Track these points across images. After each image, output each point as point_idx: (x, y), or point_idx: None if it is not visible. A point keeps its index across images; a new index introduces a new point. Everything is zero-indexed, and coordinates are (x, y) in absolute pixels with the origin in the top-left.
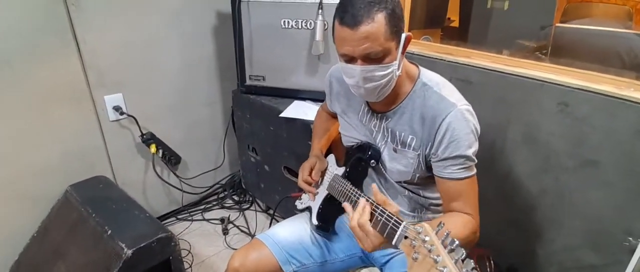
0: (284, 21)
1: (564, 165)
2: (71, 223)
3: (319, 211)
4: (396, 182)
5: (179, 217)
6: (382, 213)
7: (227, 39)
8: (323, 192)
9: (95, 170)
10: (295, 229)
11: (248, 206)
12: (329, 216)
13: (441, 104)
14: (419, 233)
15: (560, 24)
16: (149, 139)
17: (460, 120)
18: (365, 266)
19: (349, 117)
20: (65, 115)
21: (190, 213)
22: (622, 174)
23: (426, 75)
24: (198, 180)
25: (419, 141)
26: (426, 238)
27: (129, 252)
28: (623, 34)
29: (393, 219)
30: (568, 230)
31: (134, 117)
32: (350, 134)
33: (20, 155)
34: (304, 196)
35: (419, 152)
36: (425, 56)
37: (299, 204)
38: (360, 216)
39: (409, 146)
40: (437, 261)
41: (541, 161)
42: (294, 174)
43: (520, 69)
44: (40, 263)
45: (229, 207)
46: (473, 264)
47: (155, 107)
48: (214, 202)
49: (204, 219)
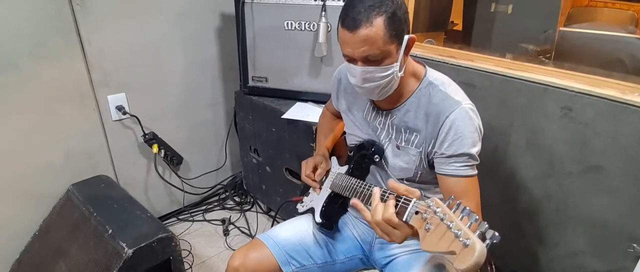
0: (287, 23)
1: (567, 170)
2: (73, 222)
3: (322, 209)
4: (398, 179)
5: (180, 217)
6: (388, 194)
7: (231, 40)
8: (326, 191)
9: (97, 169)
10: (297, 230)
11: (249, 207)
12: (332, 214)
13: (446, 101)
14: (429, 206)
15: (563, 28)
16: (151, 139)
17: (464, 118)
18: (365, 269)
19: (353, 115)
20: (69, 115)
21: (192, 214)
22: (627, 179)
23: (432, 75)
24: (199, 180)
25: (422, 138)
26: (437, 209)
27: (130, 251)
28: (627, 38)
29: (403, 198)
30: (571, 235)
31: (136, 117)
32: (354, 132)
33: (23, 153)
34: (305, 199)
35: (421, 149)
36: (428, 59)
37: (300, 208)
38: (385, 210)
39: (412, 143)
40: (451, 226)
41: (545, 166)
42: (295, 175)
43: (523, 73)
44: (41, 262)
45: (230, 208)
46: (487, 225)
47: (158, 107)
48: (215, 203)
49: (205, 220)
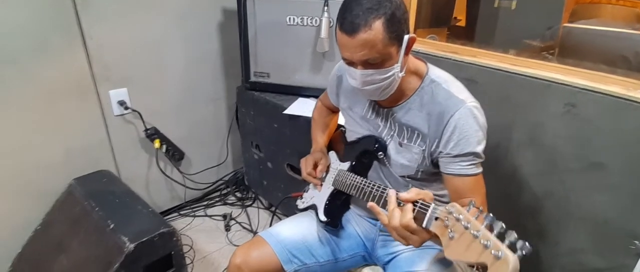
0: (290, 18)
1: (569, 167)
2: (74, 217)
3: (325, 207)
4: (399, 176)
5: (181, 212)
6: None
7: (233, 35)
8: (328, 189)
9: (99, 164)
10: (299, 228)
11: (250, 203)
12: (335, 212)
13: (449, 100)
14: (450, 213)
15: (568, 24)
16: (153, 134)
17: (469, 117)
18: (367, 265)
19: (354, 113)
20: (70, 110)
21: (193, 209)
22: (629, 176)
23: (434, 72)
24: (201, 176)
25: (425, 136)
26: (460, 216)
27: (131, 246)
28: (632, 35)
29: (419, 203)
30: (573, 233)
31: (138, 112)
32: (356, 129)
33: (25, 149)
34: (305, 195)
35: (424, 148)
36: (430, 55)
37: (300, 204)
38: (402, 216)
39: (415, 141)
40: (477, 235)
41: (546, 163)
42: (297, 171)
43: (526, 69)
44: (42, 256)
45: (232, 204)
46: (515, 235)
47: (160, 102)
48: (217, 199)
49: (207, 216)
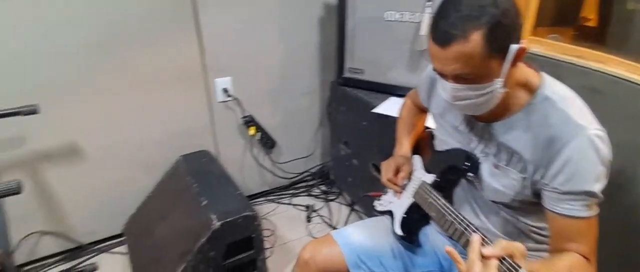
0: (389, 13)
1: None
2: (177, 190)
3: (402, 220)
4: (491, 201)
5: (268, 198)
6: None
7: (332, 29)
8: (408, 199)
9: (202, 145)
10: (373, 234)
11: (334, 197)
12: (413, 226)
13: (566, 125)
14: None
15: None
16: (249, 121)
17: (588, 148)
18: None
19: (446, 121)
20: (181, 94)
21: (279, 196)
22: None
23: (551, 87)
24: (290, 165)
25: (527, 163)
26: None
27: (218, 224)
28: None
29: (507, 261)
30: None
31: (238, 100)
32: (446, 139)
33: (142, 125)
34: (384, 197)
35: (526, 175)
36: (548, 58)
37: (377, 205)
38: None
39: (515, 165)
40: None
41: None
42: (380, 172)
43: None
44: (149, 220)
45: (316, 196)
46: None
47: (258, 91)
48: (303, 189)
49: (291, 204)
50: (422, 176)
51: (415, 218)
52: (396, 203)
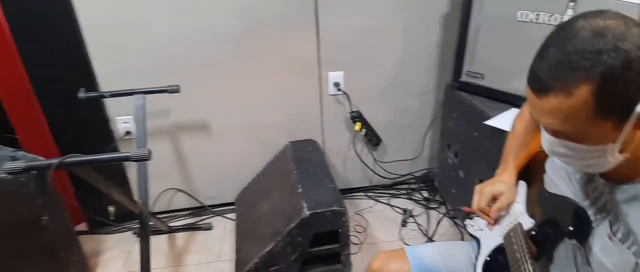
0: (522, 13)
1: None
2: (282, 172)
3: (485, 261)
4: None
5: (368, 194)
6: None
7: (456, 28)
8: (497, 237)
9: (310, 133)
10: (450, 262)
11: (436, 206)
12: (496, 270)
13: None
14: None
15: None
16: (356, 117)
17: None
18: None
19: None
20: (295, 83)
21: (379, 194)
22: None
23: None
24: (392, 165)
25: None
26: None
27: (307, 212)
28: None
29: None
30: None
31: (347, 95)
32: (558, 182)
33: (261, 107)
34: (477, 218)
35: None
36: None
37: (469, 226)
38: None
39: (634, 243)
40: None
41: None
42: None
43: None
44: (255, 195)
45: (416, 201)
46: None
47: (368, 87)
48: (404, 191)
49: (389, 204)
50: (521, 214)
51: (501, 262)
52: (485, 234)
